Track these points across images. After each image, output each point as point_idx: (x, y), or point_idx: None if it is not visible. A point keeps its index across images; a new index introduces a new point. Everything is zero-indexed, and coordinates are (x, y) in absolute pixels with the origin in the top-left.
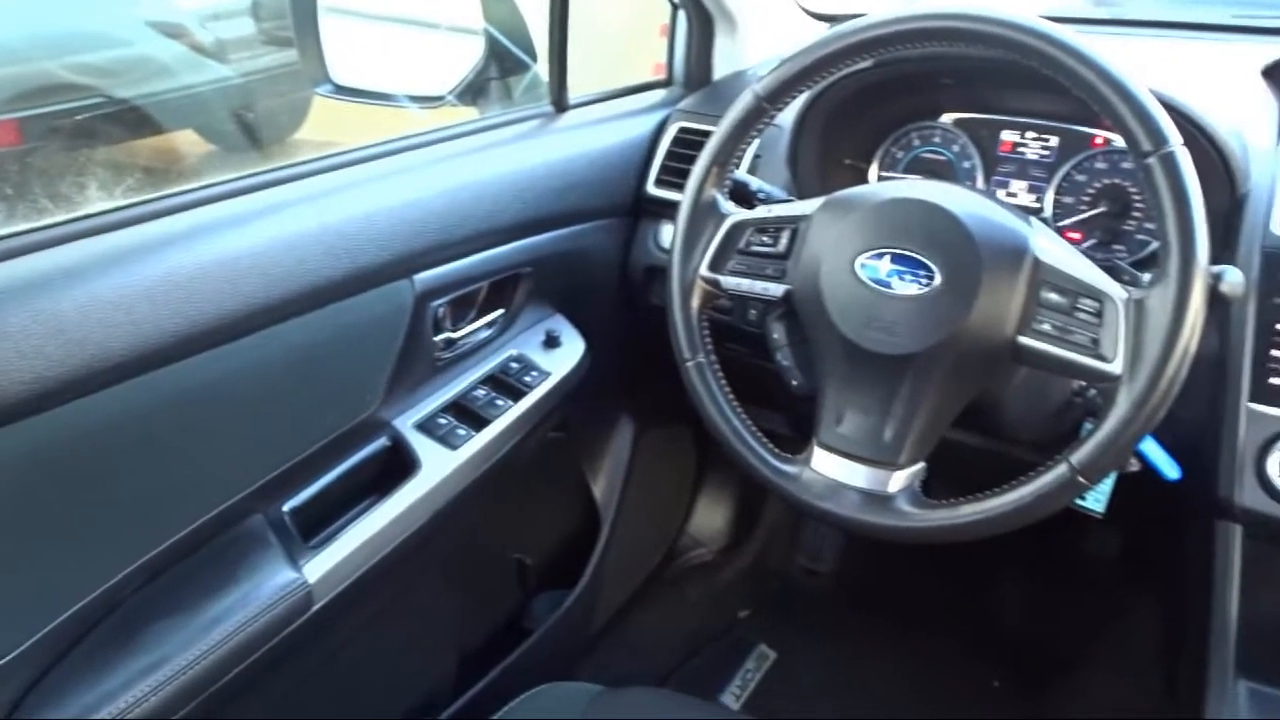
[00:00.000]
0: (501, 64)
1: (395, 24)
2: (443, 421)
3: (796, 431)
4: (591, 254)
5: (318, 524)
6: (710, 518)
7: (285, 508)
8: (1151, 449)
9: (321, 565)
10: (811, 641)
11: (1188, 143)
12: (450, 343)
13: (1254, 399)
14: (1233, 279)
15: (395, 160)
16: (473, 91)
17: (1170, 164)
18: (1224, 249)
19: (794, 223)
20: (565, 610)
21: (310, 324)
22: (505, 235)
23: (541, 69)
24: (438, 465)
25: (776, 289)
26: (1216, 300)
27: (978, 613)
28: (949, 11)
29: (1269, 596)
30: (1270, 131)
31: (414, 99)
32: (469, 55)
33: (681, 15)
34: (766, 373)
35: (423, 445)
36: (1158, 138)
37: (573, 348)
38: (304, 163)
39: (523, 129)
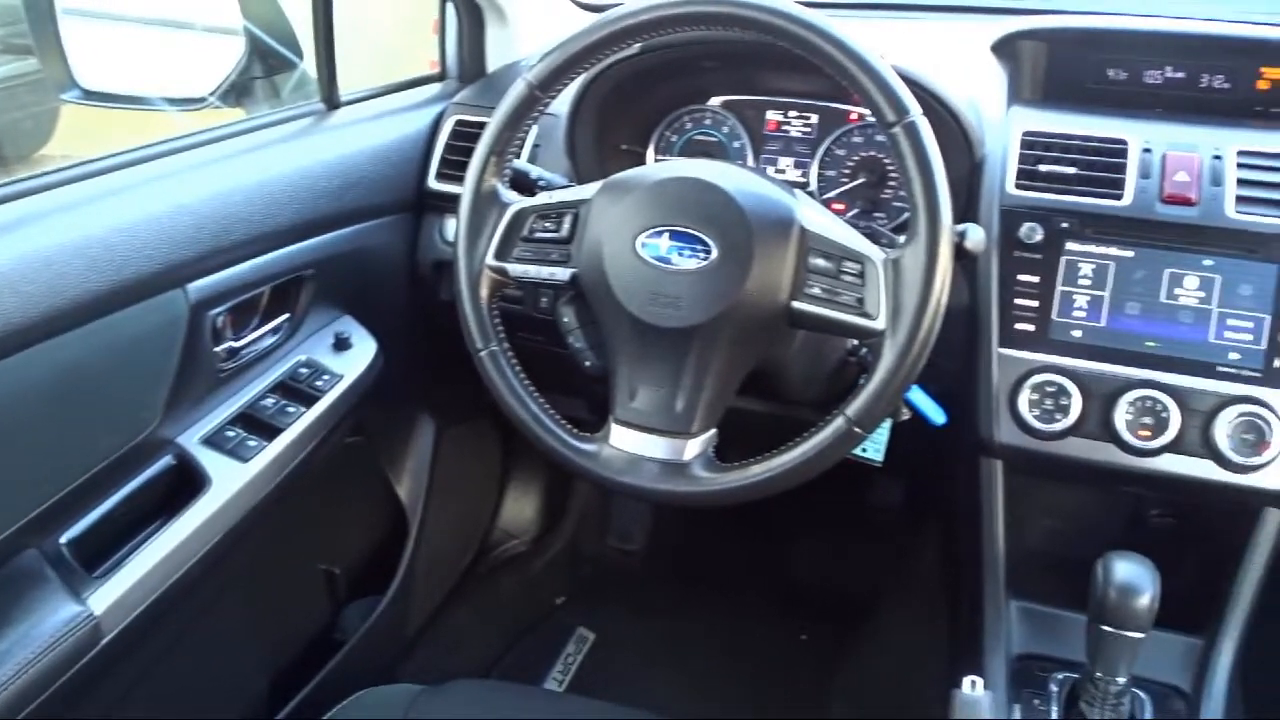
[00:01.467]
0: (266, 62)
1: (144, 25)
2: (231, 434)
3: (598, 414)
4: (377, 252)
5: (101, 553)
6: (520, 509)
7: (62, 539)
8: (919, 398)
9: (108, 595)
10: (629, 619)
11: (929, 114)
12: (233, 352)
13: (1003, 344)
14: (975, 236)
15: (159, 165)
16: (237, 92)
17: (913, 132)
18: (967, 209)
19: (575, 207)
20: (378, 617)
21: (76, 342)
22: (283, 238)
23: (310, 67)
24: (229, 480)
25: (563, 273)
26: (963, 256)
27: (782, 571)
28: None
29: (1031, 523)
30: (1000, 101)
31: (173, 101)
32: (229, 55)
33: (451, 9)
34: (564, 359)
35: (211, 460)
36: (900, 109)
37: (364, 349)
38: (55, 171)
39: (294, 128)
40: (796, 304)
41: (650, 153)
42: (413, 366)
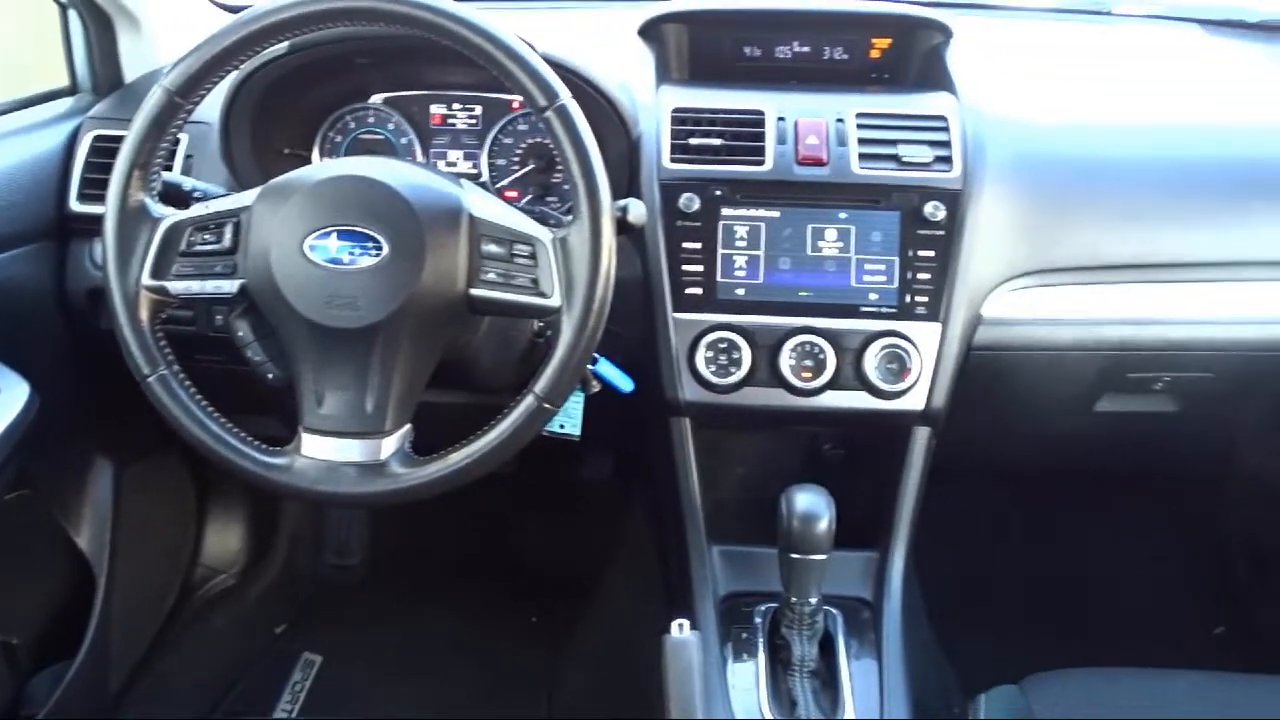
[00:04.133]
0: None
1: None
2: None
3: (292, 429)
4: (18, 286)
5: None
6: (223, 541)
7: None
8: (607, 369)
9: None
10: (357, 636)
11: (582, 98)
12: None
13: (677, 309)
14: (637, 209)
15: None
16: None
17: (564, 115)
18: (631, 185)
19: (234, 216)
20: (70, 682)
21: None
22: None
23: None
24: None
25: (230, 285)
26: (628, 229)
27: (507, 558)
28: None
29: (723, 472)
30: (650, 82)
31: None
32: None
33: (74, 17)
34: (247, 376)
35: None
36: (550, 94)
37: (13, 394)
38: None
39: None
40: (474, 291)
41: (315, 155)
42: (77, 406)
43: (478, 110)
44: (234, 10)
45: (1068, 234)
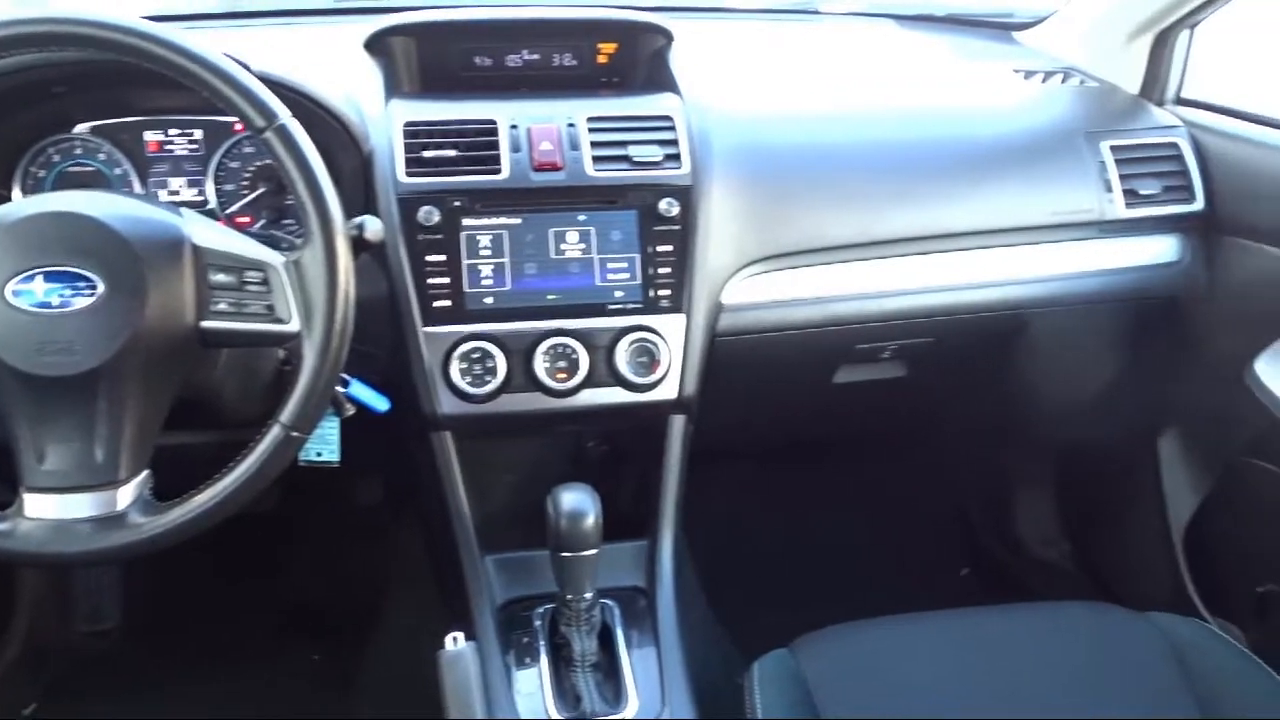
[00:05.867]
0: None
1: None
2: None
3: (12, 490)
4: None
5: None
6: None
7: None
8: (361, 391)
9: None
10: (120, 707)
11: (307, 115)
12: None
13: (427, 323)
14: (373, 226)
15: None
16: None
17: (284, 135)
18: (368, 202)
19: None
20: None
21: None
22: None
23: None
24: None
25: None
26: (366, 247)
27: (283, 599)
28: (40, 17)
29: (492, 481)
30: (379, 97)
31: None
32: None
33: None
34: None
35: None
36: (267, 113)
37: None
38: None
39: None
40: (205, 323)
41: (15, 193)
42: None
43: (198, 135)
44: None
45: (793, 219)
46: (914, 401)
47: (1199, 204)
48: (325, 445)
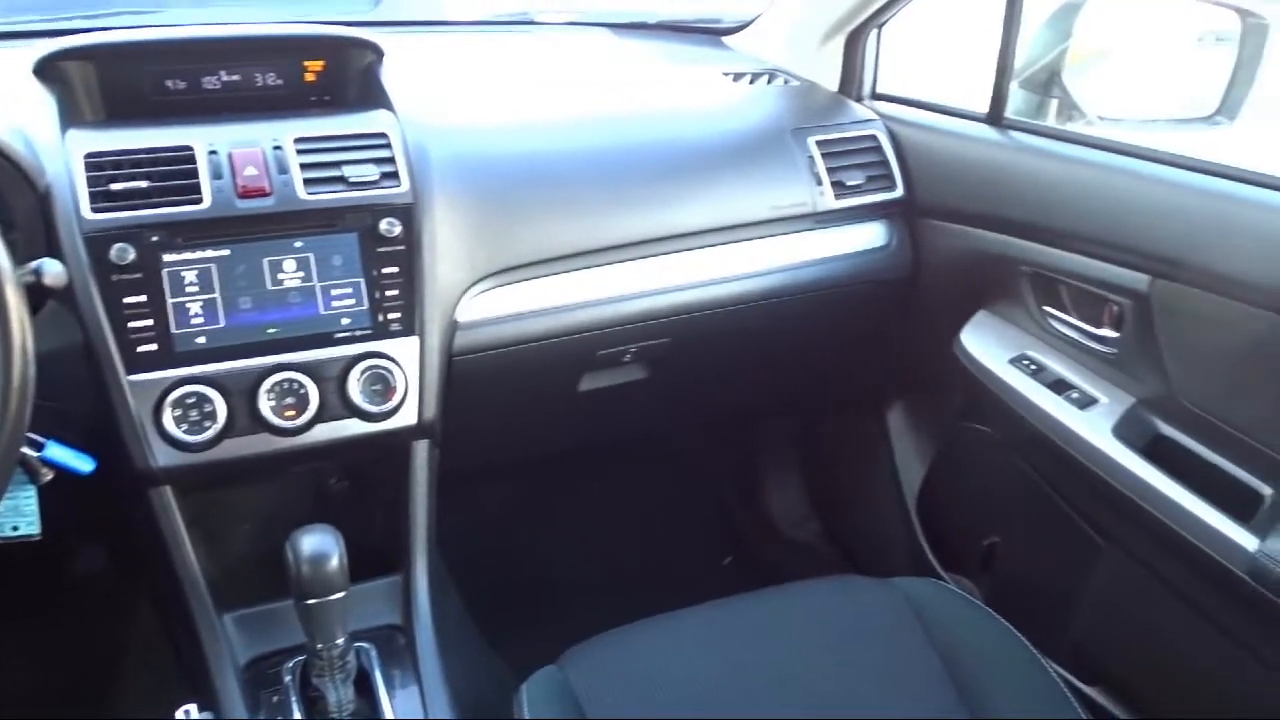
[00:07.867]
0: None
1: None
2: None
3: None
4: None
5: None
6: None
7: None
8: (57, 452)
9: None
10: None
11: None
12: None
13: (131, 371)
14: (53, 270)
15: None
16: None
17: None
18: (51, 243)
19: None
20: None
21: None
22: None
23: None
24: None
25: None
26: (47, 294)
27: None
28: None
29: (227, 533)
30: (53, 126)
31: None
32: None
33: None
34: None
35: None
36: None
37: None
38: None
39: None
40: None
41: None
42: None
43: None
44: None
45: (520, 230)
46: (659, 401)
47: (899, 191)
48: (21, 517)
